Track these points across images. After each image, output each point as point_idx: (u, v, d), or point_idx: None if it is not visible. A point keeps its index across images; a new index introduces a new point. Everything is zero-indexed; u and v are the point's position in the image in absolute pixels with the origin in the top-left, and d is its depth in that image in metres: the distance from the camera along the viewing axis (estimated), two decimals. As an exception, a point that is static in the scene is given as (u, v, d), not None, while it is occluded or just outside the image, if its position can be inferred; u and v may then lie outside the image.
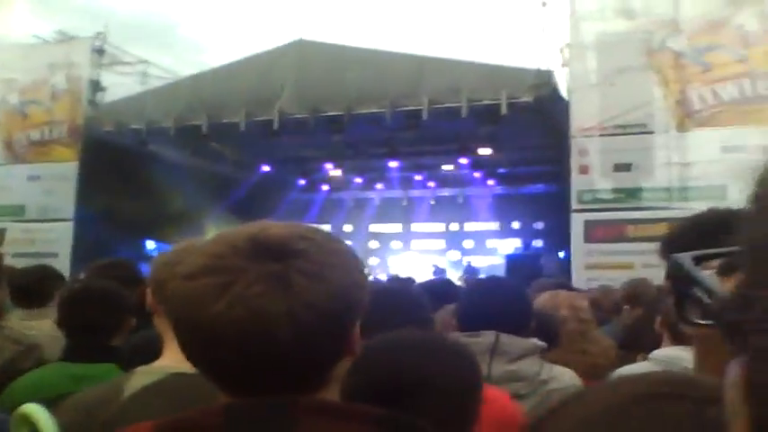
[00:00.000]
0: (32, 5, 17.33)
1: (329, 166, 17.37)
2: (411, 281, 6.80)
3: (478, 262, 18.24)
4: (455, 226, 21.74)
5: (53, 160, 13.42)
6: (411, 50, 12.85)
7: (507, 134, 12.96)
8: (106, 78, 13.61)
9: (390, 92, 11.70)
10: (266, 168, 16.96)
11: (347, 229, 21.02)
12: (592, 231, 10.07)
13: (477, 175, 18.39)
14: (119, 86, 13.67)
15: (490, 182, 19.18)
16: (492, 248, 20.21)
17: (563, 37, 10.73)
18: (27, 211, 13.29)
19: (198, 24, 38.42)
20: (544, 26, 10.94)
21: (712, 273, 0.64)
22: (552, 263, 14.26)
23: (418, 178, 19.51)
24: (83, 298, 2.21)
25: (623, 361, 2.47)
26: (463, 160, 16.16)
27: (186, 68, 16.06)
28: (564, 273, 10.48)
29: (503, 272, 13.30)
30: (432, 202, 21.51)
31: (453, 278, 9.46)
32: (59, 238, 12.72)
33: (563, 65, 10.79)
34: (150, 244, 15.17)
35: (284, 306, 0.83)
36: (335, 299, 0.87)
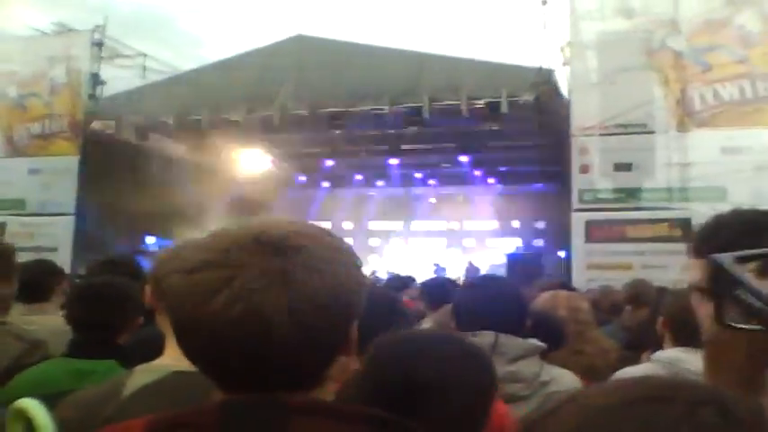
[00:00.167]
0: (32, -2, 17.30)
1: (330, 163, 17.36)
2: (411, 279, 6.81)
3: (480, 261, 18.27)
4: (455, 224, 21.75)
5: (53, 154, 13.39)
6: (411, 47, 12.83)
7: (508, 132, 12.96)
8: (105, 72, 13.58)
9: (390, 89, 11.67)
10: (268, 164, 16.94)
11: (347, 226, 21.01)
12: (593, 231, 10.07)
13: (477, 174, 18.40)
14: (118, 80, 13.64)
15: (491, 180, 19.18)
16: (492, 247, 20.22)
17: (563, 35, 10.73)
18: (27, 205, 13.26)
19: (197, 18, 38.41)
20: (545, 24, 10.93)
21: (751, 274, 0.62)
22: (553, 262, 14.26)
23: (419, 176, 19.51)
24: (92, 294, 2.20)
25: (627, 361, 2.45)
26: (464, 158, 16.16)
27: (185, 62, 16.07)
28: (565, 272, 10.48)
29: (504, 271, 13.23)
30: (432, 200, 21.52)
31: (454, 277, 9.46)
32: (60, 232, 12.70)
33: (564, 63, 10.78)
34: (150, 239, 15.18)
35: (285, 301, 0.83)
36: (335, 295, 0.87)
